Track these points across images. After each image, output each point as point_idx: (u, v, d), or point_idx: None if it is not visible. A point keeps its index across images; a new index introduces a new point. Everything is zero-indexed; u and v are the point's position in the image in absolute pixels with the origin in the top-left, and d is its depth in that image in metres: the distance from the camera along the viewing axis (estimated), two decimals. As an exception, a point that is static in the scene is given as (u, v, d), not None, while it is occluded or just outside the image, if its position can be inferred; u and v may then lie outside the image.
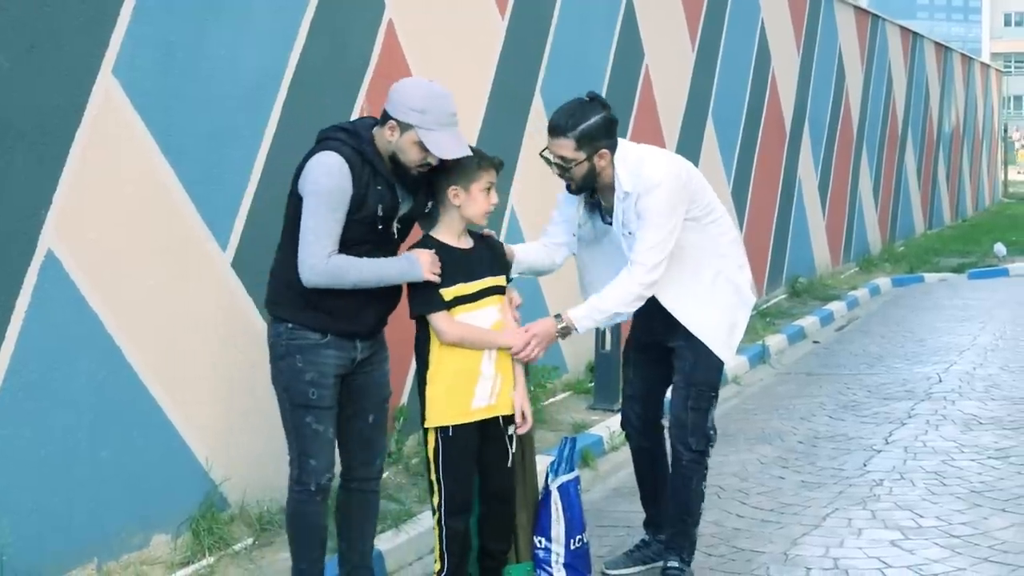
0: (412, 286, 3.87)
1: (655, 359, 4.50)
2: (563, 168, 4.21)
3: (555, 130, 4.19)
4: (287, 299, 3.82)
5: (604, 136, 4.19)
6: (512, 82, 7.10)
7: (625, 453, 6.18)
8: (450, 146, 3.75)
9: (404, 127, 3.71)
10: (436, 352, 3.98)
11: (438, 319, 3.95)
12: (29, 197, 4.10)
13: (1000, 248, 15.64)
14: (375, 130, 3.81)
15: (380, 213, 3.76)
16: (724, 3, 10.54)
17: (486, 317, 3.98)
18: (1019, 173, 35.62)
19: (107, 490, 4.43)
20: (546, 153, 4.22)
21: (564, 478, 4.37)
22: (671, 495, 4.49)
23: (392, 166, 3.80)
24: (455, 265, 3.92)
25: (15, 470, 4.08)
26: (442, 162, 3.77)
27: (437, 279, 3.87)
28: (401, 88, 3.80)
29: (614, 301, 4.18)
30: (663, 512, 4.60)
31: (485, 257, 4.04)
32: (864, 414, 7.19)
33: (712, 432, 4.46)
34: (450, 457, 3.95)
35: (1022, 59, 79.63)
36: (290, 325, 3.80)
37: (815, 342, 10.01)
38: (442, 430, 3.92)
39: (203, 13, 4.76)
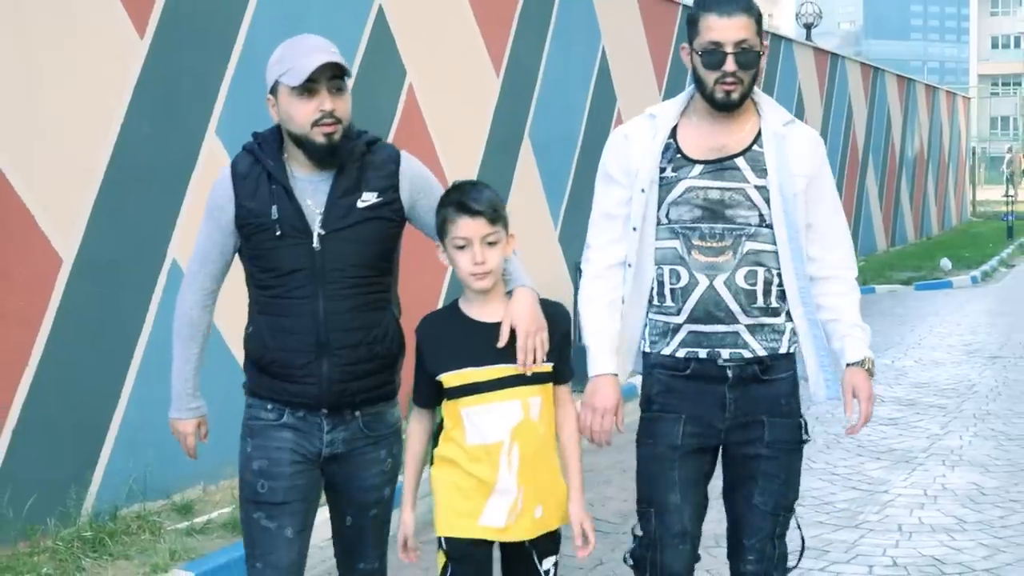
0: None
1: (702, 469, 3.30)
2: (743, 64, 2.92)
3: (730, 7, 2.91)
4: (246, 361, 3.25)
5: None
6: (505, 127, 8.80)
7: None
8: (303, 67, 3.01)
9: (275, 91, 3.10)
10: (443, 440, 3.08)
11: (413, 417, 3.14)
12: (160, 221, 5.79)
13: (945, 263, 17.26)
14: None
15: (275, 216, 3.05)
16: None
17: (504, 415, 2.94)
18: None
19: (211, 434, 6.07)
20: (707, 45, 2.92)
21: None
22: None
23: (309, 156, 3.10)
24: (463, 343, 2.98)
25: (155, 415, 5.72)
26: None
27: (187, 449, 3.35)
28: None
29: (857, 307, 3.27)
30: None
31: None
32: (791, 395, 8.82)
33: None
34: None
35: (1008, 81, 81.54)
36: (247, 399, 3.26)
37: (767, 342, 11.61)
38: (447, 542, 3.01)
39: (276, 85, 6.46)
